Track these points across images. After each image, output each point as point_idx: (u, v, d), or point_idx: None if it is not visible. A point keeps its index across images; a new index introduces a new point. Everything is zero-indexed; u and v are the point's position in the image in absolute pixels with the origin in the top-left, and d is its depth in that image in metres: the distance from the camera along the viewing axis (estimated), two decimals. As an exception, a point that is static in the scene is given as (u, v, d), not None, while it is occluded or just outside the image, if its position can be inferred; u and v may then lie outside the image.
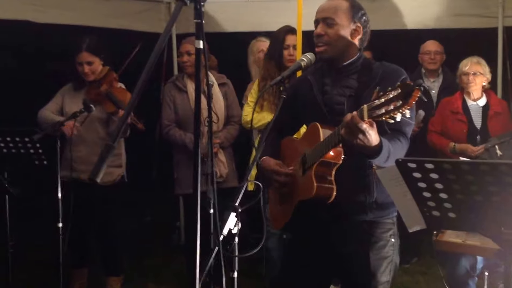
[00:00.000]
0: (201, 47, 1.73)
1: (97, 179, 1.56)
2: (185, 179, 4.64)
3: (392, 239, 2.83)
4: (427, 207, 2.06)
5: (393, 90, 2.16)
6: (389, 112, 2.15)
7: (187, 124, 4.58)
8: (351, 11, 2.77)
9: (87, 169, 4.32)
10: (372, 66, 2.80)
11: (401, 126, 2.64)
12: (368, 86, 2.67)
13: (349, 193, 2.72)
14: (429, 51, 5.54)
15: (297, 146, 2.92)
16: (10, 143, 3.66)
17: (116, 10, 5.57)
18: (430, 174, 1.93)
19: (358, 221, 2.79)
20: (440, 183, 1.94)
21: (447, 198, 1.98)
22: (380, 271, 2.79)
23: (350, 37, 2.78)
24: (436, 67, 5.54)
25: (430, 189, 1.99)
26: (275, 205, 3.07)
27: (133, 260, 5.49)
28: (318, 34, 2.78)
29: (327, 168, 2.65)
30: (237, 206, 2.50)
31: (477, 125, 4.89)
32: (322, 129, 2.67)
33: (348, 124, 2.32)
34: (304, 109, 2.94)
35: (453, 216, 2.02)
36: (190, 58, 4.56)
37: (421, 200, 2.05)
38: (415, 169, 1.95)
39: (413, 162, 1.93)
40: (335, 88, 2.83)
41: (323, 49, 2.78)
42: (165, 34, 1.62)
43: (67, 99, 4.50)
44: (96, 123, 4.45)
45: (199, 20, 1.71)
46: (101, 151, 1.63)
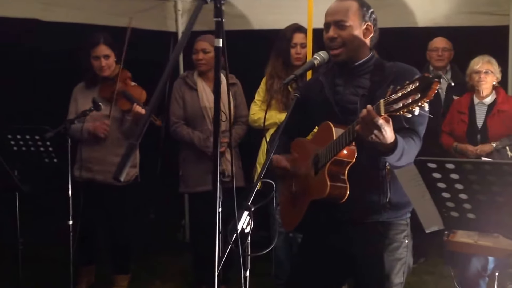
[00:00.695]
0: (220, 45, 1.72)
1: (121, 178, 1.55)
2: (191, 177, 4.63)
3: (406, 240, 2.82)
4: (445, 208, 2.04)
5: (411, 84, 2.15)
6: (407, 106, 2.14)
7: (195, 122, 4.57)
8: (361, 11, 2.76)
9: (103, 169, 4.35)
10: (385, 65, 2.78)
11: (415, 125, 2.64)
12: (381, 85, 2.65)
13: (363, 193, 2.71)
14: (436, 47, 5.50)
15: (308, 147, 2.90)
16: (21, 141, 3.67)
17: (122, 8, 5.56)
18: (451, 175, 1.92)
19: (371, 222, 2.77)
20: (461, 183, 1.93)
21: (467, 199, 1.96)
22: (394, 273, 2.78)
23: (363, 36, 2.77)
24: (443, 64, 5.50)
25: (450, 190, 1.97)
26: (286, 206, 3.05)
27: (138, 258, 5.48)
28: (331, 37, 2.76)
29: (340, 167, 2.63)
30: (250, 205, 2.50)
31: (479, 124, 4.87)
32: (335, 128, 2.66)
33: (364, 119, 2.30)
34: (315, 110, 2.92)
35: (472, 217, 2.00)
36: (205, 56, 4.54)
37: (439, 201, 2.03)
38: (435, 169, 1.93)
39: (433, 162, 1.92)
40: (347, 88, 2.81)
41: (338, 52, 2.76)
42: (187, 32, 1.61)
43: (80, 99, 4.47)
44: (111, 122, 4.43)
45: (219, 18, 1.69)
46: (125, 150, 1.62)
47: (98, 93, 4.39)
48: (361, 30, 2.76)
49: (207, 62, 4.54)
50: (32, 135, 3.63)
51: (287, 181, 3.01)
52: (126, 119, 4.43)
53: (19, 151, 3.70)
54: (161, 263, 5.60)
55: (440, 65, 5.49)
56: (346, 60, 2.78)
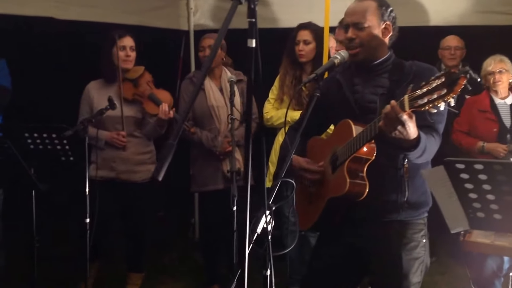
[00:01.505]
0: (253, 46, 1.73)
1: (159, 178, 1.57)
2: (201, 176, 4.64)
3: (424, 239, 2.82)
4: (471, 209, 2.05)
5: (437, 79, 2.15)
6: (433, 101, 2.15)
7: (203, 121, 4.58)
8: (380, 10, 2.75)
9: (127, 169, 4.37)
10: (404, 64, 2.78)
11: (435, 123, 2.64)
12: (401, 84, 2.66)
13: (381, 192, 2.71)
14: (449, 46, 5.49)
15: (325, 145, 2.91)
16: (38, 139, 3.67)
17: (135, 6, 5.59)
18: (479, 175, 1.93)
19: (389, 221, 2.77)
20: (489, 184, 1.94)
21: (494, 199, 1.97)
22: (412, 272, 2.78)
23: (382, 36, 2.77)
24: (456, 62, 5.47)
25: (477, 190, 1.98)
26: (302, 205, 3.04)
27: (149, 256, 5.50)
28: (350, 38, 2.77)
29: (359, 164, 2.63)
30: (271, 204, 2.50)
31: (507, 123, 4.81)
32: (355, 125, 2.66)
33: (388, 115, 2.31)
34: (333, 109, 2.92)
35: (499, 217, 2.01)
36: None
37: (466, 201, 2.04)
38: (463, 170, 1.94)
39: (461, 163, 1.93)
40: (366, 87, 2.81)
41: (356, 52, 2.77)
42: (223, 31, 1.62)
43: (95, 97, 4.44)
44: (133, 123, 4.44)
45: (253, 19, 1.70)
46: (164, 150, 1.63)
47: (118, 93, 4.37)
48: (379, 30, 2.76)
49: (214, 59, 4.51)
50: (49, 134, 3.63)
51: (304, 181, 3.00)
52: (148, 120, 4.43)
53: (36, 149, 3.70)
54: (171, 261, 5.63)
55: (453, 64, 5.47)
56: (364, 59, 2.79)
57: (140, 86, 4.43)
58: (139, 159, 4.46)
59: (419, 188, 2.74)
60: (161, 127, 4.39)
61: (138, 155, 4.46)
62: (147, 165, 4.51)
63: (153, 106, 4.36)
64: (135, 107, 4.38)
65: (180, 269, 5.42)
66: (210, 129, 4.56)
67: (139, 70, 4.48)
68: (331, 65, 2.84)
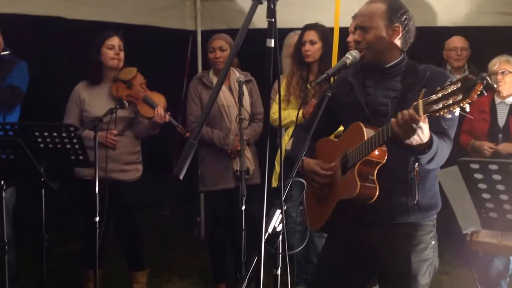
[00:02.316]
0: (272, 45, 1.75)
1: (181, 177, 1.59)
2: (210, 176, 4.65)
3: (433, 241, 2.83)
4: (484, 209, 2.07)
5: (453, 85, 2.16)
6: (448, 107, 2.16)
7: (214, 121, 4.60)
8: (389, 13, 2.74)
9: (116, 168, 4.39)
10: (418, 68, 2.78)
11: (446, 129, 2.65)
12: (413, 88, 2.66)
13: (391, 195, 2.72)
14: (455, 47, 5.50)
15: (335, 147, 2.91)
16: (48, 138, 3.68)
17: (143, 6, 5.62)
18: (493, 176, 1.94)
19: (399, 223, 2.78)
20: (503, 184, 1.95)
21: (508, 200, 1.99)
22: (421, 274, 2.78)
23: (390, 38, 2.76)
24: (462, 63, 5.49)
25: (491, 191, 1.99)
26: (311, 207, 3.02)
27: (155, 254, 5.54)
28: (356, 41, 2.80)
29: (370, 167, 2.64)
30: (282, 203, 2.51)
31: (501, 123, 4.86)
32: (366, 128, 2.66)
33: (406, 121, 2.32)
34: (343, 110, 2.93)
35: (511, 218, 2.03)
36: (222, 54, 4.56)
37: (479, 202, 2.06)
38: (477, 170, 1.96)
39: (476, 163, 1.94)
40: (378, 90, 2.81)
41: (362, 54, 2.78)
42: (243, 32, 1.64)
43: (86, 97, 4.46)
44: (123, 123, 4.47)
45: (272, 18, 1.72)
46: (184, 149, 1.66)
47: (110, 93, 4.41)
48: (386, 32, 2.75)
49: (224, 59, 4.55)
50: (59, 133, 3.65)
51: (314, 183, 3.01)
52: (139, 120, 4.47)
53: (46, 148, 3.72)
54: (177, 259, 5.65)
55: (459, 64, 5.48)
56: (372, 61, 2.80)
57: (133, 87, 4.46)
58: (128, 158, 4.50)
59: (430, 191, 2.75)
60: (154, 128, 4.45)
61: (128, 154, 4.50)
62: (136, 165, 4.57)
63: (148, 109, 4.40)
64: (128, 107, 4.36)
65: (186, 268, 5.44)
66: (221, 128, 4.59)
67: (132, 71, 4.52)
68: (342, 65, 2.84)
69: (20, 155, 3.43)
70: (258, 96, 4.75)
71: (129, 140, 4.51)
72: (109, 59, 4.40)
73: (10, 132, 3.73)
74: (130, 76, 4.49)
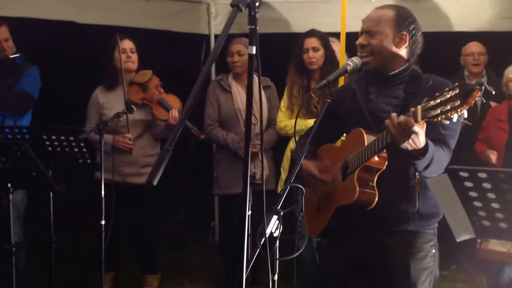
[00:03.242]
0: (253, 52, 1.74)
1: (154, 183, 1.59)
2: (225, 179, 4.66)
3: (433, 250, 2.80)
4: (477, 217, 2.03)
5: (451, 90, 2.14)
6: (446, 112, 2.13)
7: (230, 124, 4.62)
8: (397, 20, 2.72)
9: (133, 172, 4.43)
10: (421, 77, 2.75)
11: (446, 138, 2.62)
12: (416, 97, 2.63)
13: (391, 202, 2.70)
14: (472, 52, 5.39)
15: (337, 153, 2.90)
16: (56, 141, 3.72)
17: (155, 11, 5.64)
18: (483, 184, 1.90)
19: (399, 231, 2.76)
20: (493, 192, 1.91)
21: (499, 208, 1.95)
22: (420, 282, 2.75)
23: (396, 46, 2.73)
24: (480, 69, 5.38)
25: (482, 199, 1.96)
26: (311, 212, 3.04)
27: (168, 258, 5.55)
28: (361, 44, 2.76)
29: (370, 174, 2.63)
30: (279, 209, 2.51)
31: None
32: (367, 134, 2.65)
33: (401, 124, 2.30)
34: (346, 117, 2.91)
35: (504, 226, 1.99)
36: (240, 58, 4.58)
37: (471, 210, 2.02)
38: (467, 178, 1.92)
39: (465, 171, 1.90)
40: (380, 97, 2.80)
41: (367, 60, 2.76)
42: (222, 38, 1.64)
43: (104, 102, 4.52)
44: (141, 126, 4.50)
45: (253, 26, 1.72)
46: (159, 155, 1.66)
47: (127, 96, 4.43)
48: (392, 40, 2.72)
49: (242, 64, 4.59)
50: (66, 136, 3.68)
51: (312, 186, 3.00)
52: (157, 123, 4.50)
53: (54, 151, 3.76)
54: (190, 263, 5.65)
55: (477, 70, 5.36)
56: (375, 68, 2.77)
57: (149, 90, 4.49)
58: (146, 161, 4.52)
59: (430, 199, 2.70)
60: (170, 130, 4.45)
61: (145, 157, 4.52)
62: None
63: (163, 111, 4.41)
64: (145, 110, 4.44)
65: (199, 272, 5.44)
66: (236, 131, 4.61)
67: (147, 74, 4.55)
68: (343, 72, 2.83)
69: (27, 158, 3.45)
70: (276, 102, 4.76)
71: (146, 142, 4.54)
72: (122, 63, 4.44)
73: (19, 136, 3.78)
74: (145, 78, 4.53)
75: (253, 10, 1.71)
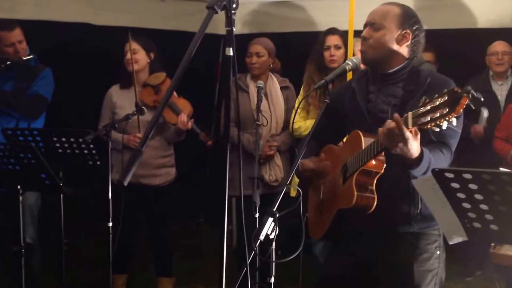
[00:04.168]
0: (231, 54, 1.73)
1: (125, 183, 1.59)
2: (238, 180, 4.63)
3: (438, 251, 2.77)
4: (467, 218, 1.99)
5: (440, 97, 2.11)
6: (435, 120, 2.11)
7: (246, 124, 4.59)
8: (402, 17, 2.72)
9: (146, 173, 4.44)
10: (420, 74, 2.73)
11: (446, 138, 2.58)
12: (415, 95, 2.62)
13: (393, 204, 2.69)
14: (496, 51, 5.27)
15: (338, 154, 2.89)
16: (66, 143, 3.76)
17: (171, 11, 5.61)
18: (469, 185, 1.86)
19: (402, 233, 2.75)
20: (480, 194, 1.87)
21: (488, 210, 1.90)
22: (425, 284, 2.73)
23: (397, 43, 2.72)
24: (504, 69, 5.25)
25: (470, 200, 1.91)
26: (314, 214, 3.05)
27: (184, 261, 5.58)
28: (364, 37, 2.76)
29: (368, 177, 2.61)
30: (275, 211, 2.51)
31: None
32: (364, 137, 2.64)
33: (391, 131, 2.27)
34: (347, 117, 2.91)
35: (495, 228, 1.94)
36: (259, 59, 4.57)
37: (460, 211, 1.98)
38: (453, 179, 1.88)
39: (450, 172, 1.86)
40: (379, 96, 2.78)
41: (364, 49, 2.75)
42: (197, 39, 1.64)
43: (117, 100, 4.57)
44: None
45: (230, 28, 1.71)
46: (130, 156, 1.67)
47: (139, 98, 4.45)
48: (395, 36, 2.71)
49: (260, 65, 4.59)
50: (75, 138, 3.72)
51: (316, 188, 2.99)
52: (168, 126, 4.51)
53: (64, 153, 3.80)
54: (206, 267, 5.62)
55: (501, 70, 5.25)
56: (372, 61, 2.77)
57: (161, 92, 4.50)
58: (159, 162, 4.55)
59: None
60: (179, 134, 4.50)
61: (158, 158, 4.55)
62: (167, 168, 4.62)
63: (172, 115, 4.43)
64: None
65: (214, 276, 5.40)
66: (252, 132, 4.58)
67: (160, 76, 4.56)
68: (342, 71, 2.82)
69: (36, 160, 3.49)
70: (295, 103, 4.72)
71: (159, 143, 4.55)
72: (126, 64, 4.50)
73: (30, 138, 3.84)
74: (159, 81, 4.55)
75: (229, 12, 1.70)
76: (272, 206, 2.54)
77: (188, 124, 4.40)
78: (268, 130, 4.53)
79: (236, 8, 1.76)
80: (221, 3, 1.71)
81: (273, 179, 4.55)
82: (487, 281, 5.12)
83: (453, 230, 2.05)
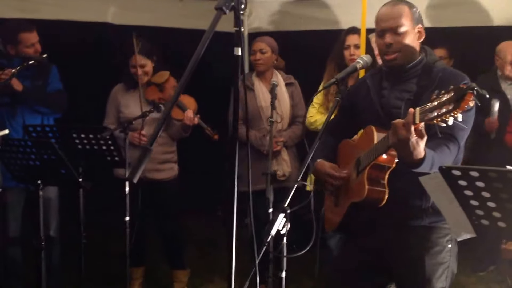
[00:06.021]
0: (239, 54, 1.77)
1: (135, 181, 1.64)
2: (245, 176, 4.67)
3: (449, 244, 2.78)
4: (475, 216, 2.01)
5: (446, 93, 2.14)
6: (441, 116, 2.14)
7: (252, 121, 4.65)
8: (412, 14, 2.75)
9: (150, 167, 4.47)
10: (433, 69, 2.75)
11: (454, 131, 2.59)
12: (428, 90, 2.63)
13: (405, 198, 2.72)
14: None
15: (353, 149, 2.94)
16: (85, 140, 3.83)
17: (191, 10, 5.64)
18: (476, 183, 1.88)
19: (414, 226, 2.77)
20: (487, 191, 1.89)
21: (495, 207, 1.92)
22: (436, 277, 2.75)
23: (417, 40, 2.77)
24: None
25: (477, 198, 1.93)
26: (330, 208, 3.10)
27: (200, 255, 5.65)
28: (388, 43, 2.75)
29: (380, 172, 2.66)
30: (286, 207, 2.55)
31: None
32: (377, 132, 2.67)
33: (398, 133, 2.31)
34: (361, 113, 2.94)
35: (503, 225, 1.96)
36: (262, 56, 4.63)
37: (468, 208, 2.00)
38: (460, 177, 1.90)
39: (457, 169, 1.89)
40: (393, 92, 2.81)
41: (393, 57, 2.76)
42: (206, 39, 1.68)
43: (121, 100, 4.62)
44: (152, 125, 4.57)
45: (238, 28, 1.75)
46: (139, 154, 1.71)
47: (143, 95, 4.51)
48: (415, 34, 2.76)
49: (264, 62, 4.64)
50: (94, 134, 3.79)
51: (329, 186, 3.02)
52: (173, 123, 4.57)
53: (83, 149, 3.87)
54: (221, 261, 5.67)
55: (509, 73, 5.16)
56: (401, 64, 2.78)
57: (165, 90, 4.56)
58: (163, 158, 4.61)
59: None
60: (185, 130, 4.54)
61: (163, 154, 4.60)
62: (171, 163, 4.69)
63: (178, 111, 4.47)
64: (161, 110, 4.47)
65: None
66: (259, 129, 4.65)
67: (164, 75, 4.62)
68: (352, 70, 2.84)
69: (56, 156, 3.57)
70: (300, 99, 4.78)
71: (164, 140, 4.61)
72: (135, 77, 4.56)
73: (50, 134, 3.92)
74: (163, 79, 4.61)
75: (237, 12, 1.74)
76: (283, 202, 2.58)
77: (195, 120, 4.44)
78: (275, 126, 4.58)
79: (245, 9, 1.79)
80: (230, 4, 1.74)
81: (281, 174, 4.61)
82: (500, 276, 5.09)
83: (461, 226, 2.07)
